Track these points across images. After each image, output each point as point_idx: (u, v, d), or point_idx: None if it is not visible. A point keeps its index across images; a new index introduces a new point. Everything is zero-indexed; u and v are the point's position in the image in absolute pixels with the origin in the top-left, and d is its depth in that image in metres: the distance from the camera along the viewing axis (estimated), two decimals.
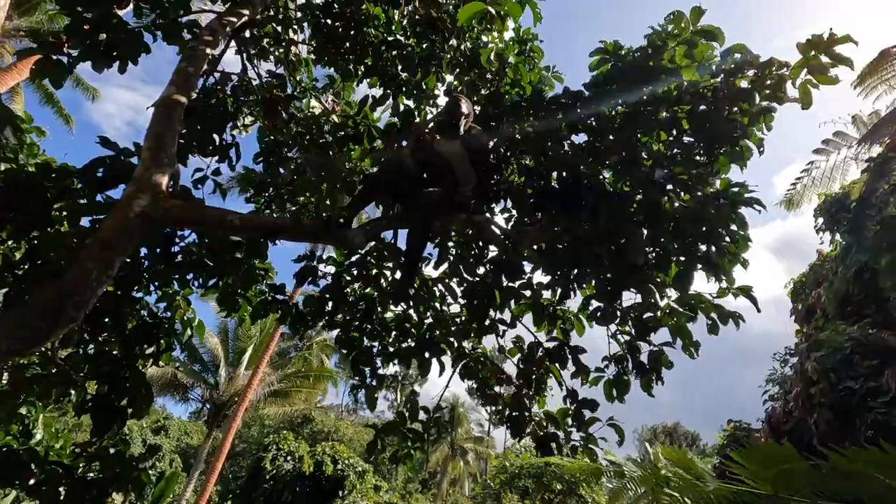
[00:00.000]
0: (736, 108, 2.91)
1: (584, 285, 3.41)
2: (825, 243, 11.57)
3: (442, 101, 4.72)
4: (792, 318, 12.29)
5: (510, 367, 3.54)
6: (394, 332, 3.72)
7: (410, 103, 4.60)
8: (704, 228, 2.65)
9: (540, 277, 3.57)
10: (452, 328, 3.57)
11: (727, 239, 2.80)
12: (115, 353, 3.41)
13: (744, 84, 2.92)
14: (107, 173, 2.79)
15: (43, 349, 3.06)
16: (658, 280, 2.69)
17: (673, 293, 2.88)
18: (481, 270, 3.72)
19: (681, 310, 2.63)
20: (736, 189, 2.96)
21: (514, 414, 3.07)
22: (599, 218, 2.48)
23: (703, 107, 3.00)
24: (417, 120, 4.51)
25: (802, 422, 7.65)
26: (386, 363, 3.86)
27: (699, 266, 2.84)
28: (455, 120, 3.09)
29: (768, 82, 2.81)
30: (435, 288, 3.74)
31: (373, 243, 3.75)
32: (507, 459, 23.14)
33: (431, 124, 4.07)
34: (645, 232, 2.47)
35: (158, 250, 3.00)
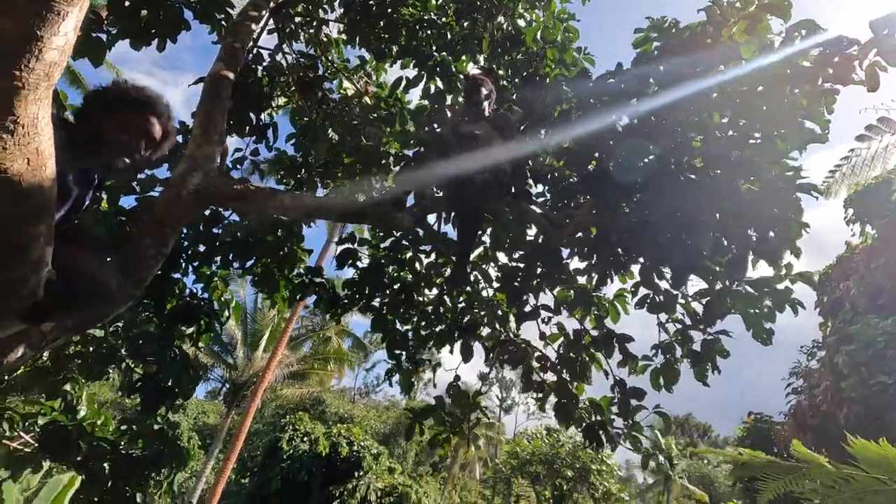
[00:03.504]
0: (797, 90, 2.77)
1: (624, 271, 3.33)
2: (855, 235, 11.28)
3: None
4: (817, 311, 12.06)
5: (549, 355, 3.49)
6: (431, 317, 3.68)
7: (441, 85, 4.49)
8: (765, 213, 2.55)
9: (577, 263, 3.50)
10: (495, 312, 3.52)
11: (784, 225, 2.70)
12: (153, 332, 3.44)
13: (806, 64, 2.78)
14: None
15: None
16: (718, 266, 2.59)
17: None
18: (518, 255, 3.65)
19: (756, 295, 2.53)
20: (790, 173, 2.85)
21: (562, 401, 3.02)
22: (664, 200, 2.38)
23: (761, 87, 2.87)
24: (448, 102, 4.42)
25: (831, 416, 7.52)
26: (420, 347, 3.83)
27: (752, 252, 2.75)
28: (477, 104, 2.98)
29: (835, 60, 2.66)
30: (473, 273, 3.68)
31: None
32: (517, 445, 23.30)
33: (457, 108, 3.97)
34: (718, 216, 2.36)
35: (202, 228, 2.98)
